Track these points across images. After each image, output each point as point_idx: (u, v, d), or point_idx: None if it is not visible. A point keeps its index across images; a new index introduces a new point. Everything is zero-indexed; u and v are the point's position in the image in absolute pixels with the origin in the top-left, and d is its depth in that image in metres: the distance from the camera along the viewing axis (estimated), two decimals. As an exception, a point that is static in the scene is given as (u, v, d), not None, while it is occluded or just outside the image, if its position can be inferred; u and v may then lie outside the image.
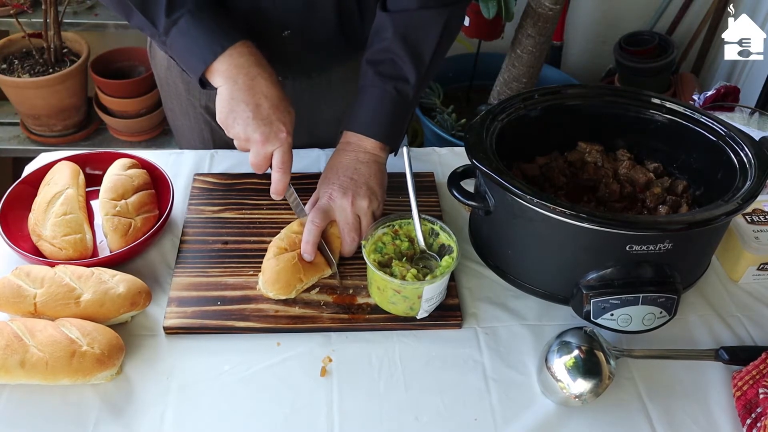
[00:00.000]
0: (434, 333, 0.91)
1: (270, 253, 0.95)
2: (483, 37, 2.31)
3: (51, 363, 0.79)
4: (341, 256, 0.98)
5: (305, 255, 0.94)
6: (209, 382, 0.84)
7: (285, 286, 0.91)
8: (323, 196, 0.99)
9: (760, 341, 0.92)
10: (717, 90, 1.49)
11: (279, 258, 0.93)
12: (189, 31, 0.92)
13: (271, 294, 0.92)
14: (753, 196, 0.84)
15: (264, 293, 0.93)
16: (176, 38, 0.93)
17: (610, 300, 0.86)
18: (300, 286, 0.93)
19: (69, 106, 2.17)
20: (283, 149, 0.94)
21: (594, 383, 0.81)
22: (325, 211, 0.97)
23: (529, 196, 0.82)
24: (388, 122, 1.02)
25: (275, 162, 0.94)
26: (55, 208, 0.97)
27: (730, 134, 0.95)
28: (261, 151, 0.93)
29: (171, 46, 0.94)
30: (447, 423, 0.81)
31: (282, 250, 0.94)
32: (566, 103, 1.05)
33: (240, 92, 0.91)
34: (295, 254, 0.93)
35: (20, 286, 0.86)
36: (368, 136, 1.01)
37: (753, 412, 0.81)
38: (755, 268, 0.99)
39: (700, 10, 2.51)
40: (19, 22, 2.02)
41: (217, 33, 0.92)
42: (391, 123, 1.02)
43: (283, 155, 0.94)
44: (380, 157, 1.02)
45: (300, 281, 0.92)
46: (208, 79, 0.93)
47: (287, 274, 0.91)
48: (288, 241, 0.95)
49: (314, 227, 0.95)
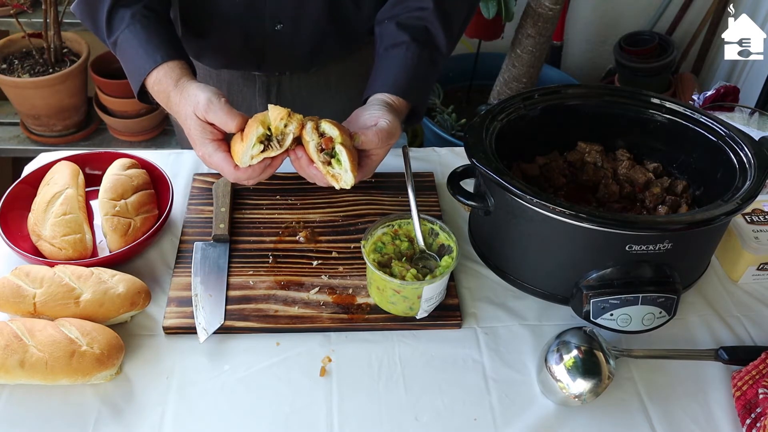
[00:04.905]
0: (434, 333, 0.91)
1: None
2: (483, 37, 2.31)
3: (50, 363, 0.79)
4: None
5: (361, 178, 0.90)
6: (209, 382, 0.84)
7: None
8: (382, 119, 0.90)
9: (760, 341, 0.92)
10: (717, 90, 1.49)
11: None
12: (123, 53, 0.97)
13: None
14: (752, 196, 0.84)
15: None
16: (120, 58, 0.98)
17: (610, 300, 0.86)
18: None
19: (69, 106, 2.18)
20: (210, 160, 0.89)
21: (593, 383, 0.81)
22: (392, 134, 0.90)
23: (529, 196, 0.82)
24: (425, 87, 1.00)
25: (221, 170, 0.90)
26: (55, 208, 0.97)
27: (729, 134, 0.95)
28: (215, 168, 0.90)
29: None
30: (447, 423, 0.81)
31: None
32: (566, 103, 1.05)
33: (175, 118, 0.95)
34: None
35: (20, 286, 0.86)
36: (405, 99, 0.97)
37: (753, 412, 0.81)
38: (755, 268, 0.99)
39: (700, 10, 2.51)
40: (19, 22, 2.02)
41: (140, 59, 0.94)
42: (426, 89, 1.01)
43: (217, 162, 0.88)
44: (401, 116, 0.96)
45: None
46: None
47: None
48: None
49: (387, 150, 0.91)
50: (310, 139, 0.86)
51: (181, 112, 0.90)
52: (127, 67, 0.98)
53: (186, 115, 0.89)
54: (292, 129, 0.85)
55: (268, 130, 0.85)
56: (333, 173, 0.87)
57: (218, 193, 1.07)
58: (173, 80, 0.92)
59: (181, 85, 0.91)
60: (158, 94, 0.94)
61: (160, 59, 0.93)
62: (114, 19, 0.96)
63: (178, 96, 0.90)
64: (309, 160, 0.87)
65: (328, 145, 0.86)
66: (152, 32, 0.95)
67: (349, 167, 0.85)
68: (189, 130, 0.90)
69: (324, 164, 0.87)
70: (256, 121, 0.85)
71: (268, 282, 0.95)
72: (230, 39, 1.11)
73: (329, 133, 0.85)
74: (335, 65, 1.20)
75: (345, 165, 0.85)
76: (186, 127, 0.90)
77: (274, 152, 0.86)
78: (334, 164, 0.86)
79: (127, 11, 0.95)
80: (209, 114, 0.86)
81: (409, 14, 1.01)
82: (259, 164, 0.87)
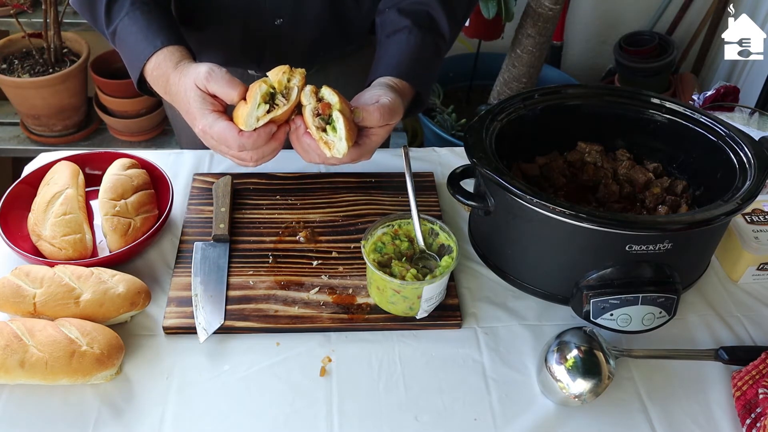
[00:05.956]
0: (434, 333, 0.91)
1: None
2: (483, 37, 2.31)
3: (50, 363, 0.79)
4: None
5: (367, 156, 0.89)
6: (209, 382, 0.84)
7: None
8: (384, 96, 0.89)
9: (760, 341, 0.92)
10: (717, 90, 1.49)
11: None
12: (122, 42, 0.96)
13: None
14: (752, 196, 0.84)
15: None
16: (118, 47, 0.97)
17: (610, 300, 0.86)
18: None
19: (69, 106, 2.18)
20: (211, 132, 0.85)
21: (593, 383, 0.81)
22: (394, 111, 0.88)
23: (529, 196, 0.82)
24: (428, 72, 0.99)
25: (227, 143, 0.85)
26: (55, 208, 0.97)
27: (729, 134, 0.95)
28: (212, 146, 0.88)
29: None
30: (447, 423, 0.81)
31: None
32: (566, 103, 1.05)
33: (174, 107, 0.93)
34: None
35: (20, 286, 0.86)
36: (408, 82, 0.95)
37: (753, 412, 0.81)
38: (755, 268, 0.99)
39: (700, 10, 2.51)
40: (19, 22, 2.03)
41: (140, 44, 0.93)
42: (429, 74, 0.99)
43: (219, 131, 0.84)
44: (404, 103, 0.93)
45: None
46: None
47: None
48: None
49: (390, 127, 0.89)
50: (308, 102, 0.83)
51: (180, 90, 0.87)
52: (126, 55, 0.96)
53: (186, 88, 0.86)
54: (296, 82, 0.83)
55: (271, 89, 0.83)
56: (326, 140, 0.84)
57: (218, 193, 1.07)
58: (173, 63, 0.90)
59: (181, 66, 0.89)
60: (157, 79, 0.92)
61: (160, 44, 0.91)
62: (113, 8, 0.95)
63: (178, 76, 0.88)
64: (307, 131, 0.85)
65: (325, 110, 0.83)
66: (152, 18, 0.94)
67: (345, 135, 0.82)
68: (189, 104, 0.86)
69: (318, 129, 0.84)
70: (257, 83, 0.83)
71: (268, 282, 0.95)
72: (230, 34, 1.10)
73: (328, 99, 0.83)
74: (335, 66, 1.20)
75: (340, 133, 0.83)
76: (185, 103, 0.87)
77: (280, 110, 0.82)
78: (329, 132, 0.84)
79: (126, 0, 0.94)
80: (210, 83, 0.83)
81: (410, 0, 1.00)
82: (265, 130, 0.83)
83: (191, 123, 0.88)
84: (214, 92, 0.84)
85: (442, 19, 0.99)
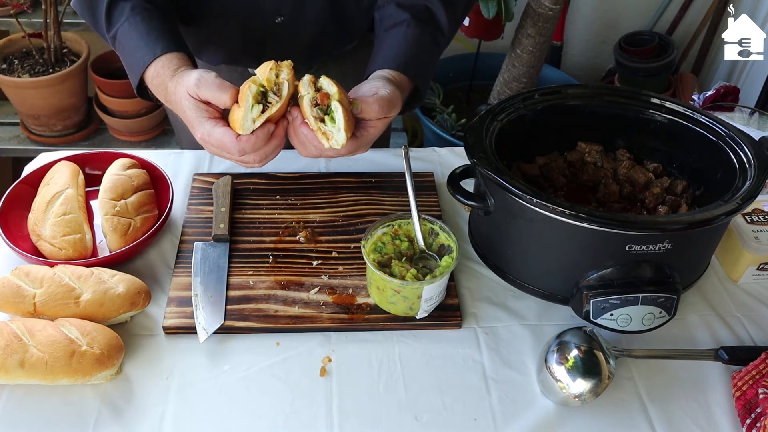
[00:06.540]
0: (434, 333, 0.91)
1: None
2: (483, 37, 2.31)
3: (50, 363, 0.79)
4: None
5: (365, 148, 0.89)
6: (209, 382, 0.84)
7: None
8: (382, 88, 0.88)
9: (760, 341, 0.92)
10: (717, 90, 1.49)
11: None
12: (122, 47, 0.95)
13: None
14: (752, 196, 0.84)
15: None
16: (119, 52, 0.97)
17: (610, 300, 0.86)
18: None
19: (69, 106, 2.18)
20: (210, 140, 0.84)
21: (593, 383, 0.81)
22: (392, 103, 0.88)
23: (529, 196, 0.82)
24: (427, 65, 0.98)
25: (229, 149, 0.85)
26: (55, 208, 0.97)
27: (729, 134, 0.95)
28: (214, 153, 0.88)
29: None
30: (447, 423, 0.81)
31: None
32: (566, 103, 1.05)
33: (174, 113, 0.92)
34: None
35: (20, 286, 0.86)
36: (406, 75, 0.94)
37: (753, 412, 0.81)
38: (755, 268, 0.99)
39: (700, 10, 2.51)
40: (19, 22, 2.03)
41: (140, 51, 0.92)
42: (429, 69, 0.99)
43: (218, 137, 0.83)
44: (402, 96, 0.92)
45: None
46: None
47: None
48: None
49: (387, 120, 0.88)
50: (306, 92, 0.83)
51: (176, 100, 0.87)
52: (127, 61, 0.95)
53: (181, 97, 0.86)
54: (285, 76, 0.82)
55: (261, 87, 0.82)
56: (324, 130, 0.83)
57: (218, 193, 1.07)
58: (171, 71, 0.89)
59: (178, 74, 0.89)
60: (157, 87, 0.92)
61: (160, 51, 0.91)
62: (113, 12, 0.95)
63: (174, 84, 0.87)
64: (304, 121, 0.85)
65: (324, 100, 0.82)
66: (153, 24, 0.93)
67: (343, 126, 0.81)
68: (185, 113, 0.86)
69: (316, 120, 0.83)
70: (246, 84, 0.82)
71: (268, 282, 0.95)
72: (230, 32, 1.10)
73: (326, 89, 0.83)
74: (335, 66, 1.20)
75: (339, 123, 0.82)
76: (182, 113, 0.87)
77: (274, 107, 0.82)
78: (328, 122, 0.83)
79: (127, 4, 0.94)
80: (201, 90, 0.83)
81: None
82: (262, 131, 0.82)
83: (191, 131, 0.88)
84: (206, 99, 0.84)
85: (441, 14, 0.99)
